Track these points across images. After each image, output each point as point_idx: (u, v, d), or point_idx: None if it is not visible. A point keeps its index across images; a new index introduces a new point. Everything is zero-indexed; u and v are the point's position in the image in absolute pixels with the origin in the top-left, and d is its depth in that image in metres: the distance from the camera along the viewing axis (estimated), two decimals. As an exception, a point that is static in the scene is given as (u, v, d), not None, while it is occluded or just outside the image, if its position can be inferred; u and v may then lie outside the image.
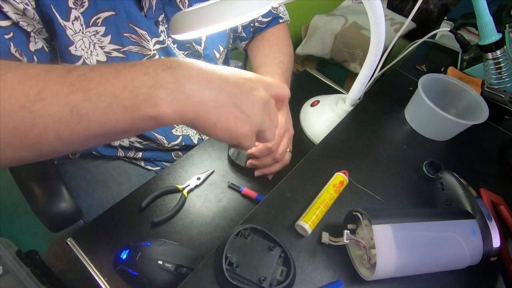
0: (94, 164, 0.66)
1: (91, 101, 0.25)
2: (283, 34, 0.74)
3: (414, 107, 0.63)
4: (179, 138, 0.66)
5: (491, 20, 0.61)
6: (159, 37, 0.55)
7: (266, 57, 0.69)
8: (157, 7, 0.53)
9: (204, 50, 0.63)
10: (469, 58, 0.79)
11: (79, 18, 0.46)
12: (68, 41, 0.46)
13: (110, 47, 0.51)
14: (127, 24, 0.50)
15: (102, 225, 0.51)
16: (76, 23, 0.46)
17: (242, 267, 0.38)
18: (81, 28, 0.47)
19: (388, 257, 0.37)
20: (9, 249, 0.98)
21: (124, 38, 0.51)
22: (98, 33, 0.48)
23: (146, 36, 0.53)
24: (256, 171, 0.58)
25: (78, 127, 0.26)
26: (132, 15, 0.50)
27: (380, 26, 0.47)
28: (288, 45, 0.73)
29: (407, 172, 0.55)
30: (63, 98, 0.25)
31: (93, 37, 0.48)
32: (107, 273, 0.46)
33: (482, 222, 0.42)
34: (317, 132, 0.66)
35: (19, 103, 0.24)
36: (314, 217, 0.44)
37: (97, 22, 0.47)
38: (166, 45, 0.57)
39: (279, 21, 0.74)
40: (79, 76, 0.26)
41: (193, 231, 0.52)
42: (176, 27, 0.37)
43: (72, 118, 0.25)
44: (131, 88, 0.26)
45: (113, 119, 0.26)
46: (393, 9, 1.62)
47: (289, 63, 0.69)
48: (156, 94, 0.27)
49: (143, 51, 0.54)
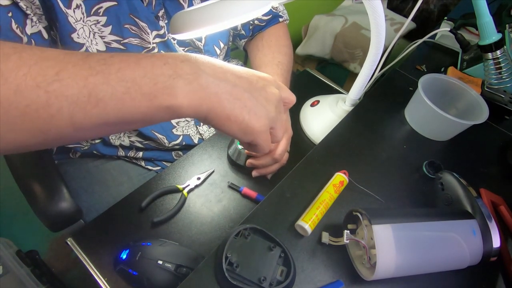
0: (94, 163, 0.66)
1: (110, 85, 0.25)
2: (283, 34, 0.74)
3: (414, 107, 0.63)
4: (179, 138, 0.66)
5: (491, 20, 0.61)
6: (159, 31, 0.55)
7: (265, 57, 0.69)
8: (157, 2, 0.53)
9: (204, 46, 0.63)
10: (469, 58, 0.79)
11: (80, 6, 0.45)
12: (71, 28, 0.46)
13: (110, 37, 0.51)
14: (129, 15, 0.50)
15: (102, 225, 0.51)
16: (77, 11, 0.45)
17: (242, 267, 0.38)
18: (82, 17, 0.46)
19: (388, 257, 0.37)
20: (9, 249, 0.98)
21: (125, 30, 0.51)
22: (99, 23, 0.48)
23: (146, 28, 0.53)
24: (254, 171, 0.58)
25: (93, 111, 0.25)
26: (133, 6, 0.50)
27: (380, 26, 0.47)
28: (287, 45, 0.73)
29: (407, 172, 0.55)
30: (82, 80, 0.24)
31: (93, 26, 0.48)
32: (107, 273, 0.46)
33: (482, 222, 0.42)
34: (317, 132, 0.66)
35: (35, 81, 0.23)
36: (314, 217, 0.44)
37: (99, 11, 0.47)
38: (166, 39, 0.57)
39: (278, 20, 0.74)
40: (99, 61, 0.25)
41: (193, 231, 0.52)
42: (176, 27, 0.37)
43: (89, 101, 0.25)
44: (151, 75, 0.26)
45: (129, 106, 0.26)
46: (393, 9, 1.62)
47: (288, 64, 0.69)
48: (174, 84, 0.27)
49: (143, 44, 0.54)
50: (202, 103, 0.28)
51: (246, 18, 0.36)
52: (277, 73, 0.64)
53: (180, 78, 0.27)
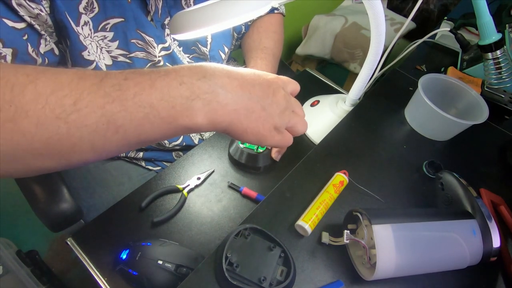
0: (95, 164, 0.66)
1: (128, 111, 0.25)
2: (274, 21, 0.75)
3: (414, 107, 0.63)
4: (180, 138, 0.66)
5: (491, 20, 0.61)
6: (165, 43, 0.56)
7: (253, 42, 0.70)
8: (163, 10, 0.54)
9: (210, 52, 0.63)
10: (469, 58, 0.79)
11: (88, 23, 0.46)
12: (82, 47, 0.47)
13: (117, 52, 0.51)
14: (136, 31, 0.51)
15: (102, 225, 0.51)
16: (85, 28, 0.46)
17: (242, 267, 0.38)
18: (89, 33, 0.47)
19: (388, 257, 0.37)
20: (9, 249, 0.98)
21: (131, 44, 0.52)
22: (106, 38, 0.49)
23: (152, 42, 0.53)
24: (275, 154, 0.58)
25: (113, 138, 0.26)
26: (140, 22, 0.50)
27: (380, 26, 0.47)
28: (277, 32, 0.73)
29: (407, 172, 0.55)
30: (99, 109, 0.24)
31: (100, 42, 0.49)
32: (107, 273, 0.46)
33: (482, 222, 0.42)
34: (317, 132, 0.66)
35: (54, 113, 0.23)
36: (314, 217, 0.44)
37: (106, 27, 0.48)
38: (171, 51, 0.58)
39: (274, 12, 0.74)
40: (113, 86, 0.25)
41: (193, 231, 0.52)
42: (176, 27, 0.37)
43: (108, 129, 0.25)
44: (168, 98, 0.26)
45: (149, 129, 0.26)
46: (393, 9, 1.62)
47: (274, 49, 0.69)
48: (193, 106, 0.27)
49: (149, 57, 0.55)
50: (221, 120, 0.29)
51: (246, 18, 0.36)
52: (260, 57, 0.65)
53: (198, 98, 0.27)
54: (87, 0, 0.44)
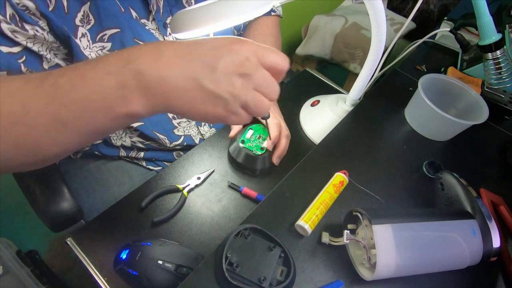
0: (95, 164, 0.66)
1: (67, 108, 0.27)
2: (270, 24, 0.74)
3: (414, 107, 0.63)
4: (181, 138, 0.66)
5: (491, 20, 0.61)
6: None
7: None
8: (165, 9, 0.54)
9: None
10: (469, 58, 0.79)
11: (86, 35, 0.47)
12: (84, 57, 0.47)
13: None
14: (133, 40, 0.51)
15: (102, 225, 0.51)
16: (83, 40, 0.47)
17: (242, 267, 0.38)
18: (88, 44, 0.48)
19: (388, 257, 0.37)
20: (9, 249, 0.98)
21: None
22: (104, 48, 0.49)
23: None
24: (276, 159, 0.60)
25: (67, 132, 0.28)
26: (136, 31, 0.51)
27: (381, 26, 0.47)
28: (274, 34, 0.73)
29: (407, 172, 0.55)
30: (44, 109, 0.27)
31: (99, 52, 0.49)
32: (107, 273, 0.46)
33: (482, 222, 0.42)
34: (317, 132, 0.66)
35: (10, 119, 0.26)
36: (314, 217, 0.44)
37: (104, 38, 0.48)
38: None
39: (270, 14, 0.74)
40: (51, 85, 0.27)
41: (193, 231, 0.52)
42: (177, 25, 0.37)
43: (58, 125, 0.27)
44: (99, 90, 0.27)
45: (95, 122, 0.28)
46: (393, 9, 1.62)
47: None
48: (122, 94, 0.27)
49: None
50: (157, 104, 0.28)
51: (247, 17, 0.36)
52: None
53: (125, 87, 0.27)
54: (82, 13, 0.45)
